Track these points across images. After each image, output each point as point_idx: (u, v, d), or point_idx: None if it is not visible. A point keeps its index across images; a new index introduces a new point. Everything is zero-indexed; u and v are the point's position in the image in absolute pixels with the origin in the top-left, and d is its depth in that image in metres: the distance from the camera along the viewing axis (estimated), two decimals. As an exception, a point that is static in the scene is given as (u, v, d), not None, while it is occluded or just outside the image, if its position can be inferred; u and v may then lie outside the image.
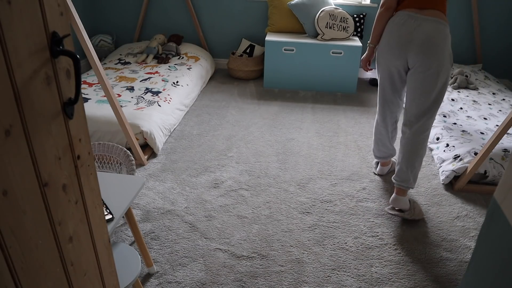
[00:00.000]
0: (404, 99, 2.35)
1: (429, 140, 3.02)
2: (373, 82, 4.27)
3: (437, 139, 2.91)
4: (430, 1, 2.10)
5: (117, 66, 3.82)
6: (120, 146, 1.98)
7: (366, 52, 2.41)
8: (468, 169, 2.51)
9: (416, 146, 2.25)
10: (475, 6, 4.00)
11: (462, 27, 4.18)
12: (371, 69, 2.48)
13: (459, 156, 2.61)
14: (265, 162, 2.82)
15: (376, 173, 2.74)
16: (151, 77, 3.57)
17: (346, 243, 2.14)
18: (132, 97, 3.16)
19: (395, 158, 2.81)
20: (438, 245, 2.15)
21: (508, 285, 0.78)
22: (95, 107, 2.93)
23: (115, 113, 2.54)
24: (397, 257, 2.07)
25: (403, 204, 2.29)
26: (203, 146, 3.00)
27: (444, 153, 2.74)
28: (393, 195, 2.32)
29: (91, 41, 3.61)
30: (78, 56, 0.77)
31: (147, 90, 3.30)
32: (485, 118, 3.10)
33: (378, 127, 2.55)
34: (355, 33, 4.19)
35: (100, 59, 4.20)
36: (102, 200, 1.34)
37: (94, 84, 3.36)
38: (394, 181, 2.33)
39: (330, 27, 3.91)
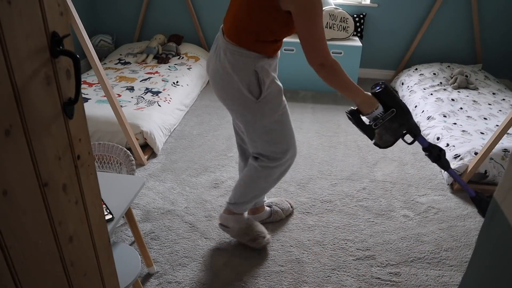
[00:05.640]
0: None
1: (429, 140, 3.02)
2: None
3: (437, 139, 2.91)
4: (233, 17, 1.61)
5: (117, 66, 3.82)
6: (120, 146, 1.98)
7: None
8: (468, 169, 2.51)
9: (246, 171, 1.91)
10: (475, 6, 4.00)
11: (462, 27, 4.18)
12: None
13: (459, 156, 2.61)
14: (265, 162, 2.82)
15: None
16: (151, 77, 3.57)
17: (346, 243, 2.14)
18: (132, 97, 3.16)
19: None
20: (438, 245, 2.15)
21: (508, 285, 0.78)
22: (95, 107, 2.93)
23: (115, 113, 2.54)
24: (397, 257, 2.07)
25: (223, 220, 2.03)
26: (203, 146, 3.00)
27: (444, 153, 2.74)
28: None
29: (91, 41, 3.61)
30: (78, 56, 0.77)
31: (147, 90, 3.30)
32: (485, 118, 3.10)
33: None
34: (355, 33, 4.19)
35: (100, 59, 4.20)
36: (102, 200, 1.34)
37: (94, 84, 3.36)
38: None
39: (330, 27, 3.91)
